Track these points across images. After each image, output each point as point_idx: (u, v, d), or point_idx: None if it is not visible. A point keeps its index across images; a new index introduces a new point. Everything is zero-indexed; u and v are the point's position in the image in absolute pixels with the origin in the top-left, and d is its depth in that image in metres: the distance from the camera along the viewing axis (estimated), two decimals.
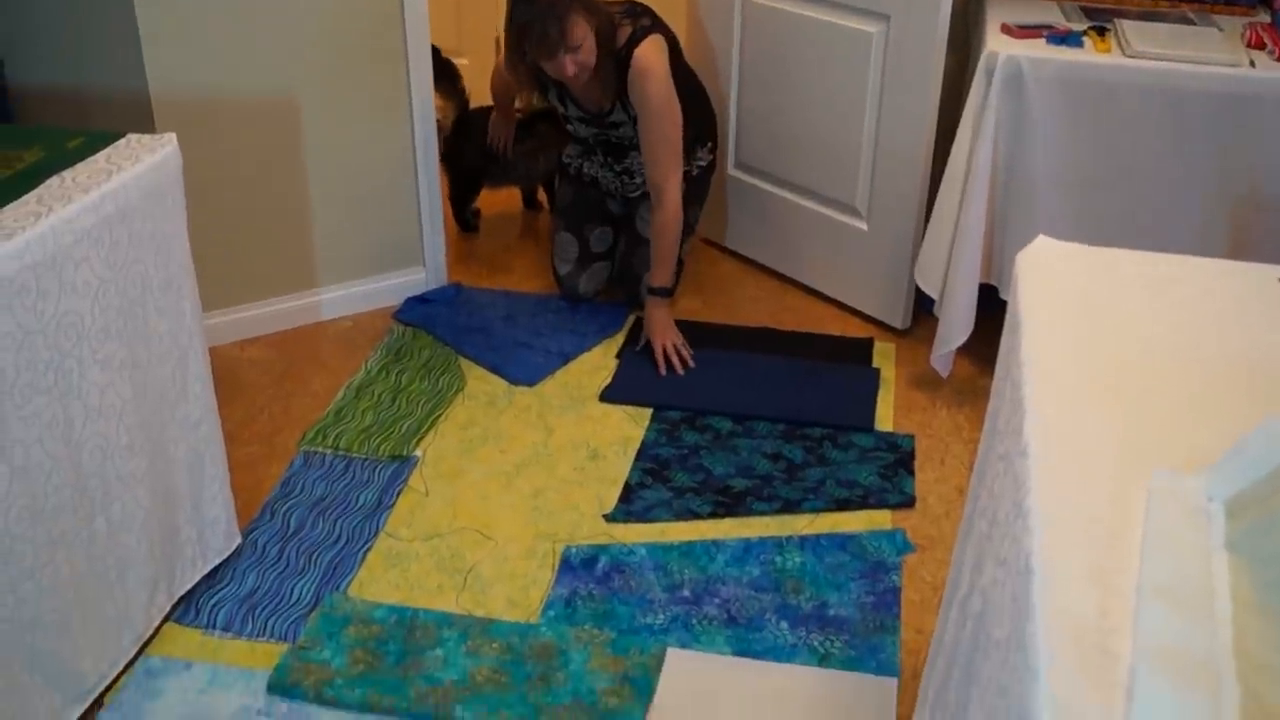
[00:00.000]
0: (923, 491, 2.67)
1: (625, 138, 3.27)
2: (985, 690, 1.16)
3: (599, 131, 3.30)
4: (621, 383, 3.08)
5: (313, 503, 2.62)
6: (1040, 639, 0.95)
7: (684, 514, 2.57)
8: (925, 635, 2.24)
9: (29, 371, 1.75)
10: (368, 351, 3.23)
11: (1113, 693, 0.90)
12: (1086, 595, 1.00)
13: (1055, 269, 1.57)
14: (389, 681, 2.11)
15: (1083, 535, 1.07)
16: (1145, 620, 0.97)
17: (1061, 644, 0.95)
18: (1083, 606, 0.98)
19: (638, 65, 3.04)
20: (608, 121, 3.24)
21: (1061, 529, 1.07)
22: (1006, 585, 1.15)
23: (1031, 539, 1.07)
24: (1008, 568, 1.16)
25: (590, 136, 3.36)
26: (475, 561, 2.44)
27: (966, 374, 3.10)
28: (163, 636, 2.24)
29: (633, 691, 2.10)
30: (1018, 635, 1.03)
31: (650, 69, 3.05)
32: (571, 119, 3.32)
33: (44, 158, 2.00)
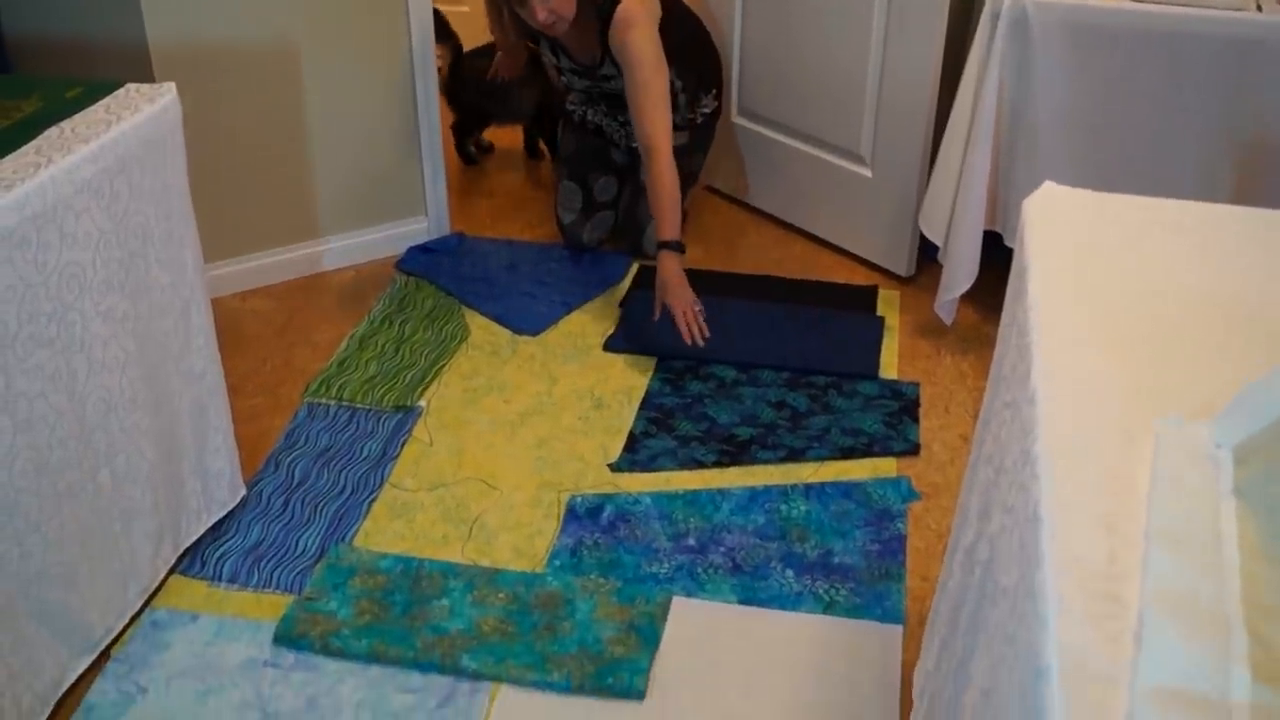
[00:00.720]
0: (927, 439, 2.66)
1: (619, 89, 3.24)
2: (992, 638, 1.16)
3: (592, 84, 3.27)
4: (625, 332, 3.07)
5: (317, 454, 2.62)
6: (1049, 586, 0.95)
7: (688, 463, 2.58)
8: (930, 583, 2.24)
9: (31, 324, 1.74)
10: (370, 302, 3.22)
11: (1121, 639, 0.90)
12: (1095, 542, 0.99)
13: (1062, 215, 1.56)
14: (395, 632, 2.12)
15: (1090, 482, 1.07)
16: (1153, 567, 0.96)
17: (1070, 591, 0.95)
18: (1091, 553, 0.98)
19: (620, 17, 2.99)
20: (599, 74, 3.21)
21: (1069, 476, 1.07)
22: (1014, 532, 1.15)
23: (1039, 486, 1.07)
24: (1015, 515, 1.16)
25: (584, 88, 3.33)
26: (480, 511, 2.44)
27: (971, 321, 3.09)
28: (168, 589, 2.25)
29: (639, 640, 2.11)
30: (1026, 582, 1.03)
31: (632, 21, 2.98)
32: (564, 70, 3.29)
33: (42, 108, 1.98)
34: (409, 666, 2.07)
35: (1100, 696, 0.86)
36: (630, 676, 2.03)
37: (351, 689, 2.04)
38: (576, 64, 3.21)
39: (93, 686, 2.04)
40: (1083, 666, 0.88)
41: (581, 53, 3.17)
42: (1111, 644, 0.90)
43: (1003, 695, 1.05)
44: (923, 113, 3.08)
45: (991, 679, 1.12)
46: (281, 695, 2.03)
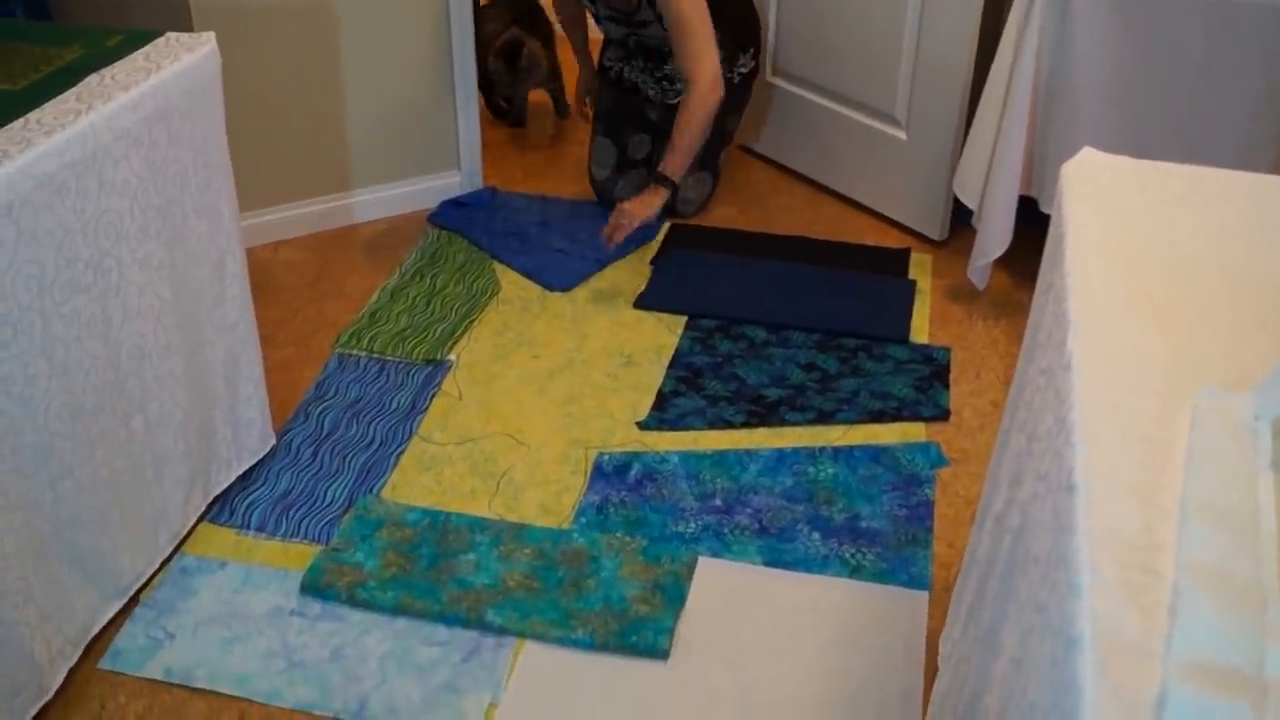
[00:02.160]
0: (957, 405, 2.65)
1: (655, 37, 3.22)
2: (1022, 607, 1.16)
3: (629, 31, 3.25)
4: (656, 289, 3.07)
5: (347, 405, 2.63)
6: (1082, 555, 0.95)
7: (717, 423, 2.58)
8: (957, 549, 2.24)
9: (69, 270, 1.75)
10: (402, 254, 3.22)
11: (1155, 611, 0.90)
12: (1130, 512, 0.99)
13: (1101, 181, 1.54)
14: (421, 585, 2.14)
15: (1126, 451, 1.06)
16: (1189, 539, 0.96)
17: (1104, 561, 0.94)
18: (1126, 524, 0.98)
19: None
20: (636, 20, 3.19)
21: (1105, 445, 1.06)
22: (1047, 501, 1.14)
23: (1074, 454, 1.06)
24: (1048, 483, 1.16)
25: (622, 36, 3.31)
26: (508, 466, 2.45)
27: (1003, 287, 3.07)
28: (198, 536, 2.27)
29: (664, 599, 2.12)
30: (1058, 551, 1.02)
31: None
32: (602, 18, 3.28)
33: (83, 55, 1.98)
34: (434, 620, 2.08)
35: (1133, 668, 0.86)
36: (654, 635, 2.04)
37: (377, 640, 2.05)
38: (614, 10, 3.19)
39: (121, 630, 2.06)
40: (1115, 638, 0.88)
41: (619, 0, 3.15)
42: (1145, 616, 0.90)
43: (1033, 664, 1.04)
44: (959, 75, 3.05)
45: (1022, 648, 1.12)
46: (307, 645, 2.05)
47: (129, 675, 2.00)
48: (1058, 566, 1.01)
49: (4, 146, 1.66)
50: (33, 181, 1.65)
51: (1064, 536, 1.01)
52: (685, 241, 3.30)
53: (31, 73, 1.92)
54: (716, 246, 3.27)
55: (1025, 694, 1.05)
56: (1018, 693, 1.10)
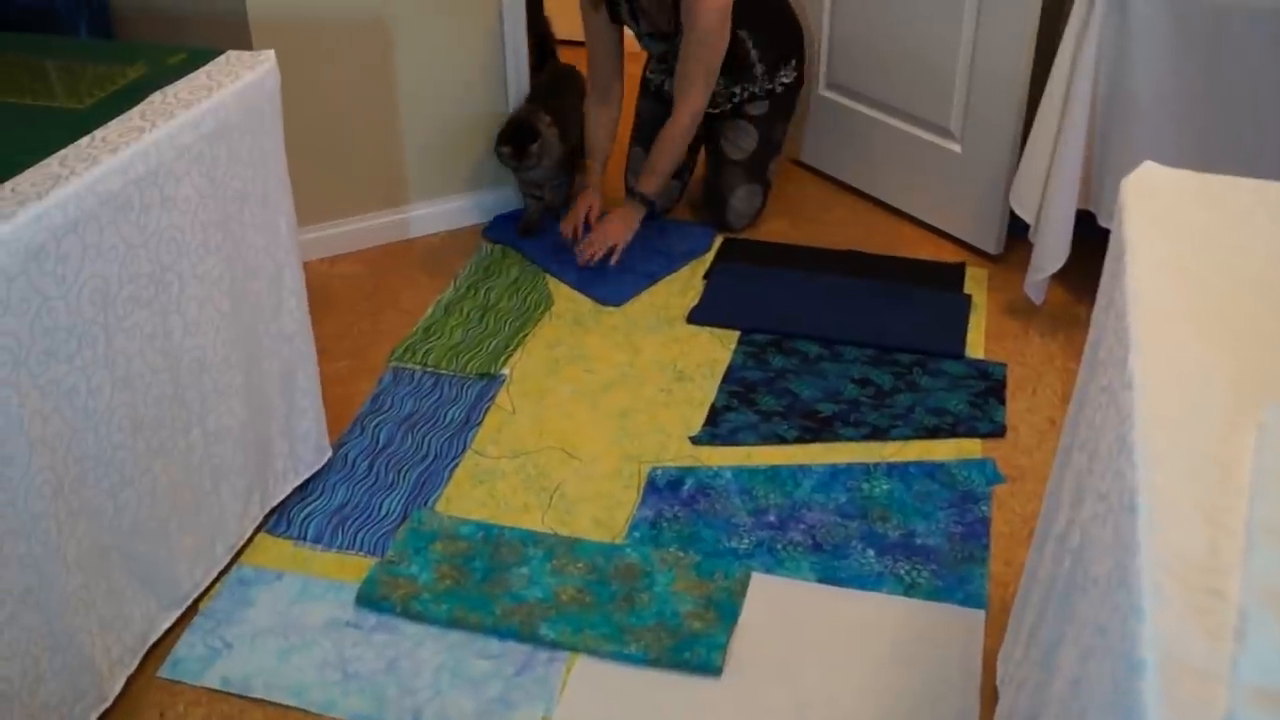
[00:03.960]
0: (1014, 421, 2.63)
1: None
2: (1081, 628, 1.14)
3: (669, 48, 3.28)
4: (709, 304, 3.06)
5: (402, 418, 2.65)
6: (1145, 577, 0.94)
7: (770, 438, 2.57)
8: (1015, 568, 2.22)
9: (131, 285, 1.78)
10: (457, 268, 3.24)
11: (1221, 635, 0.89)
12: (1195, 533, 0.98)
13: (1163, 195, 1.52)
14: (475, 598, 2.14)
15: (1190, 471, 1.04)
16: (1256, 561, 0.94)
17: (1168, 583, 0.93)
18: (1190, 545, 0.96)
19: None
20: (675, 40, 3.21)
21: (1168, 464, 1.05)
22: (1108, 521, 1.13)
23: (1136, 474, 1.05)
24: (1109, 503, 1.15)
25: (661, 53, 3.34)
26: (561, 480, 2.46)
27: (1061, 302, 3.04)
28: (255, 546, 2.29)
29: (717, 615, 2.11)
30: (1119, 572, 1.01)
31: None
32: (642, 35, 3.30)
33: (146, 74, 2.02)
34: (488, 633, 2.09)
35: (1198, 693, 0.85)
36: (707, 652, 2.04)
37: (431, 653, 2.06)
38: (654, 29, 3.23)
39: (180, 640, 2.09)
40: (1180, 661, 0.87)
41: (658, 19, 3.18)
42: (1211, 639, 0.89)
43: (1093, 687, 1.03)
44: (1016, 86, 3.03)
45: (1081, 669, 1.11)
46: (362, 656, 2.06)
47: (187, 684, 2.02)
48: (1119, 588, 1.00)
49: (71, 164, 1.69)
50: (98, 198, 1.68)
51: (1125, 557, 1.00)
52: (738, 256, 3.30)
53: (96, 91, 1.96)
54: (769, 261, 3.27)
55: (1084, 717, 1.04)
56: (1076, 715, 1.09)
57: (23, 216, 1.57)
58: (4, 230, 1.54)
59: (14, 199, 1.59)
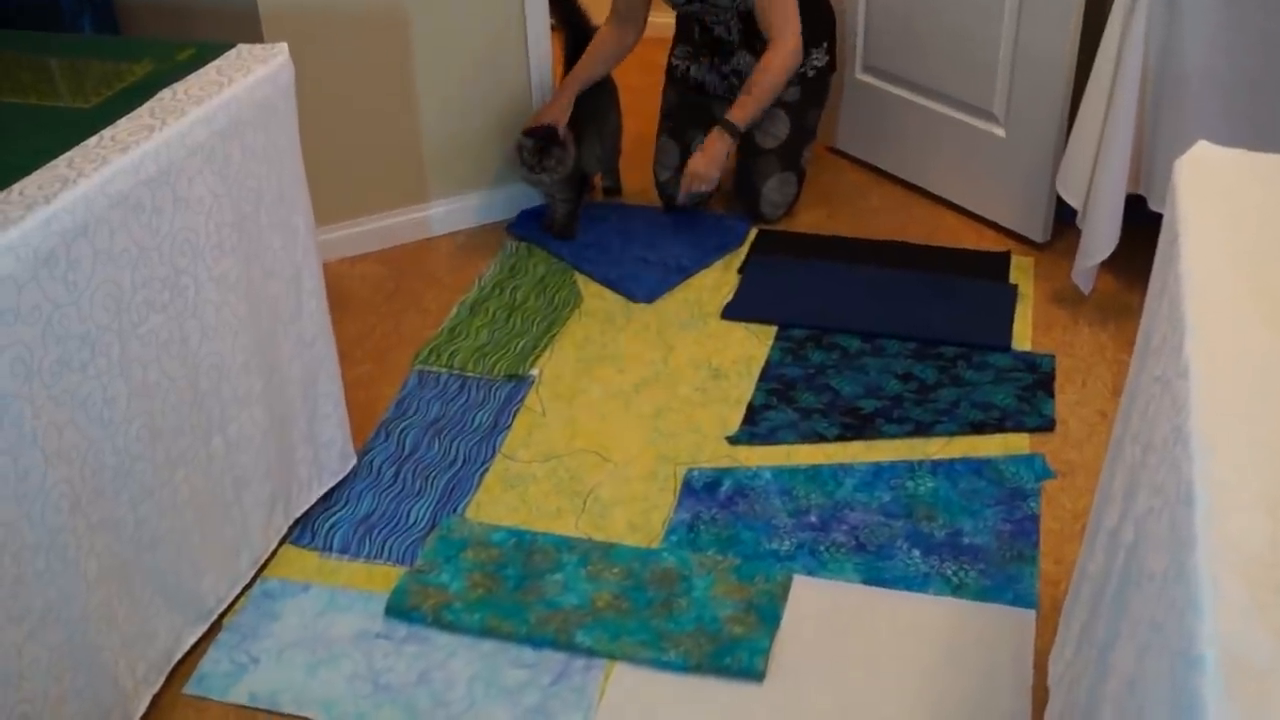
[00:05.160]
0: (1063, 414, 2.62)
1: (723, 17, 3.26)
2: (1137, 625, 1.14)
3: (702, 7, 3.27)
4: (744, 299, 3.06)
5: (428, 423, 2.66)
6: (1203, 571, 0.93)
7: (810, 436, 2.57)
8: (1066, 566, 2.21)
9: (145, 289, 1.79)
10: (481, 267, 3.25)
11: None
12: (1255, 525, 0.97)
13: (1218, 176, 1.51)
14: (508, 606, 2.15)
15: (1249, 461, 1.04)
16: None
17: (1227, 577, 0.92)
18: (1250, 537, 0.96)
19: None
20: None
21: (1226, 455, 1.04)
22: (1163, 514, 1.12)
23: (1192, 465, 1.04)
24: (1165, 496, 1.14)
25: (692, 13, 3.33)
26: (595, 484, 2.46)
27: (1111, 290, 3.02)
28: (280, 558, 2.30)
29: (758, 619, 2.11)
30: (1176, 567, 1.00)
31: None
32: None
33: (154, 70, 2.03)
34: (522, 642, 2.10)
35: (1260, 691, 0.84)
36: (749, 657, 2.04)
37: (464, 663, 2.07)
38: None
39: (205, 655, 2.10)
40: (1241, 658, 0.86)
41: None
42: (1273, 636, 0.88)
43: (1149, 685, 1.03)
44: (1062, 67, 3.01)
45: (1137, 668, 1.10)
46: (393, 668, 2.07)
47: (214, 700, 2.03)
48: (1176, 583, 0.99)
49: (79, 165, 1.70)
50: (108, 200, 1.69)
51: (1182, 552, 0.99)
52: (773, 248, 3.30)
53: (103, 89, 1.97)
54: (806, 253, 3.26)
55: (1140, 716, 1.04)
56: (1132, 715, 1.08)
57: (30, 221, 1.57)
58: (12, 236, 1.55)
59: (21, 203, 1.60)
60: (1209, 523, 0.97)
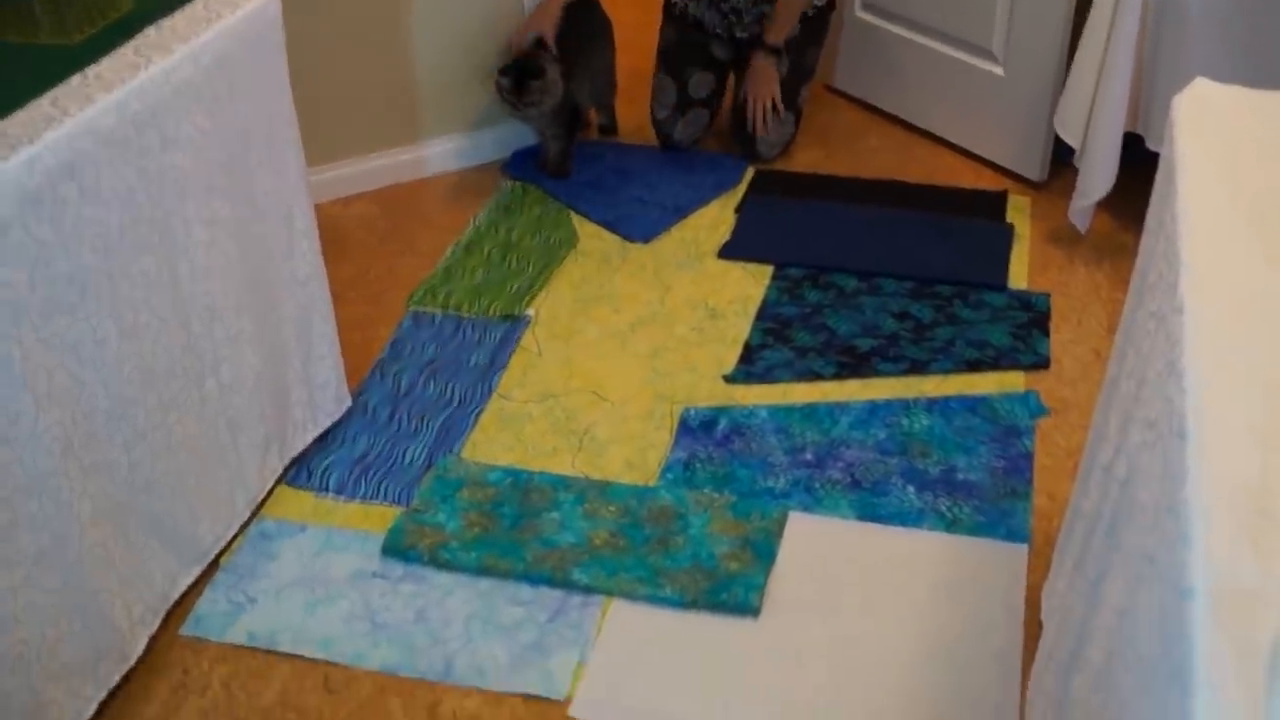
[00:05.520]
0: (1058, 353, 2.61)
1: None
2: (1129, 557, 1.14)
3: None
4: (741, 239, 3.05)
5: (423, 364, 2.65)
6: (1195, 504, 0.93)
7: (806, 375, 2.56)
8: (1058, 502, 2.21)
9: (134, 229, 1.78)
10: (475, 207, 3.24)
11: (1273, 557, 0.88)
12: (1247, 458, 0.97)
13: (1216, 113, 1.50)
14: (505, 544, 2.16)
15: (1242, 396, 1.04)
16: None
17: (1218, 508, 0.92)
18: (1243, 470, 0.96)
19: None
20: None
21: (1218, 390, 1.04)
22: (1156, 448, 1.12)
23: (1185, 399, 1.04)
24: (1158, 430, 1.14)
25: None
26: (591, 423, 2.46)
27: (1107, 229, 3.01)
28: (276, 499, 2.31)
29: (754, 556, 2.12)
30: (1168, 500, 1.00)
31: None
32: None
33: (138, 7, 1.99)
34: (519, 580, 2.11)
35: (1249, 616, 0.84)
36: (745, 593, 2.05)
37: (461, 601, 2.08)
38: None
39: (202, 596, 2.11)
40: (1231, 588, 0.87)
41: None
42: (1261, 562, 0.88)
43: (1141, 617, 1.03)
44: (1061, 5, 2.98)
45: (1128, 599, 1.10)
46: (390, 607, 2.08)
47: (211, 641, 2.04)
48: (1168, 515, 0.99)
49: (63, 104, 1.68)
50: (93, 138, 1.67)
51: (1174, 485, 0.99)
52: (770, 188, 3.28)
53: (86, 26, 1.93)
54: (803, 192, 3.25)
55: (1132, 646, 1.04)
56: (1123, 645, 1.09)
57: (15, 160, 1.55)
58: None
59: (4, 142, 1.58)
60: (1201, 456, 0.97)
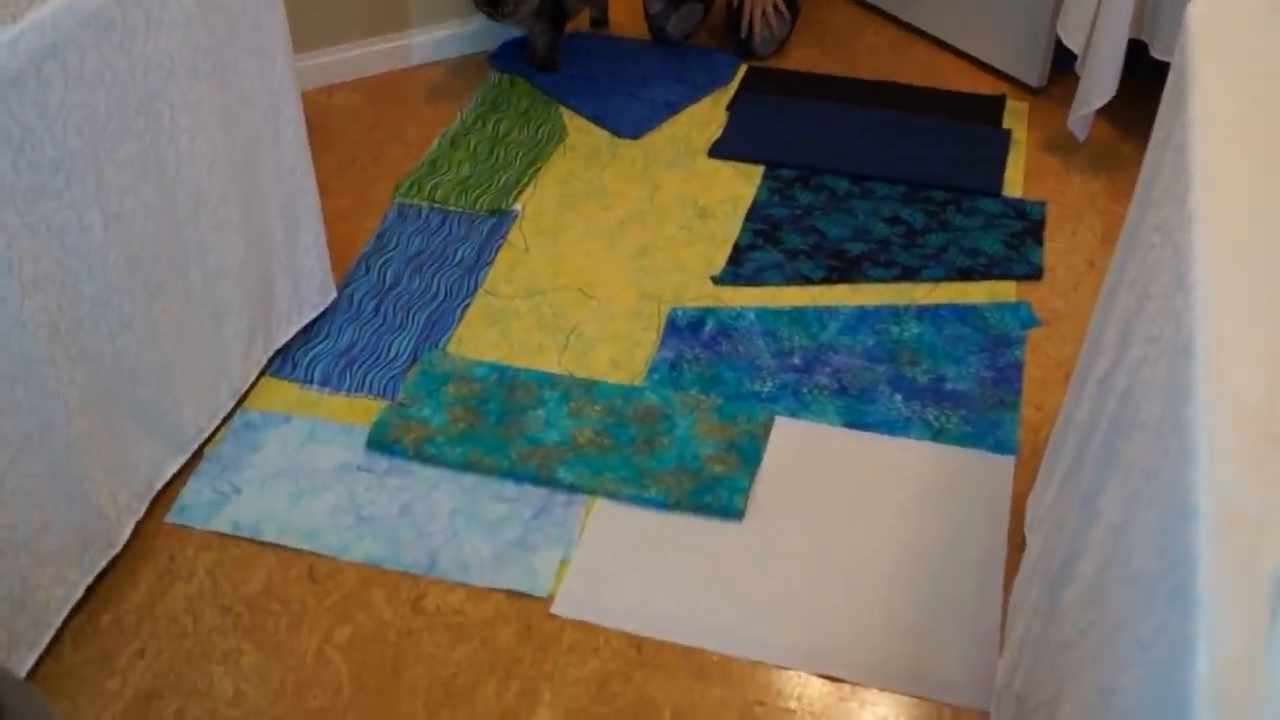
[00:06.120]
0: (1051, 263, 2.61)
1: None
2: (1127, 473, 1.14)
3: None
4: (732, 137, 3.02)
5: (409, 257, 2.63)
6: (1200, 423, 0.93)
7: (795, 278, 2.55)
8: (1047, 413, 2.22)
9: (119, 114, 1.75)
10: (463, 99, 3.19)
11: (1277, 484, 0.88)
12: (1253, 378, 0.96)
13: (1231, 21, 1.47)
14: (490, 441, 2.16)
15: (1251, 314, 1.03)
16: None
17: (1223, 429, 0.92)
18: (1248, 390, 0.95)
19: None
20: None
21: (1228, 306, 1.03)
22: (1159, 364, 1.12)
23: (1193, 316, 1.03)
24: (1161, 346, 1.13)
25: None
26: (577, 321, 2.45)
27: (1105, 138, 2.99)
28: (260, 390, 2.30)
29: (739, 459, 2.13)
30: (1172, 418, 1.00)
31: None
32: None
33: None
34: (504, 476, 2.11)
35: (1252, 542, 0.84)
36: (729, 495, 2.06)
37: (446, 496, 2.08)
38: None
39: (187, 485, 2.11)
40: (1234, 510, 0.86)
41: None
42: (1266, 488, 0.88)
43: (1137, 532, 1.03)
44: None
45: (1125, 514, 1.11)
46: (375, 500, 2.08)
47: (196, 529, 2.05)
48: (1170, 433, 0.99)
49: None
50: (77, 20, 1.63)
51: (1178, 402, 0.99)
52: (763, 86, 3.24)
53: None
54: (797, 92, 3.21)
55: (1127, 562, 1.05)
56: (1118, 560, 1.09)
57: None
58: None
59: None
60: (1208, 375, 0.97)
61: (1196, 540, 0.86)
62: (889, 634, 1.88)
